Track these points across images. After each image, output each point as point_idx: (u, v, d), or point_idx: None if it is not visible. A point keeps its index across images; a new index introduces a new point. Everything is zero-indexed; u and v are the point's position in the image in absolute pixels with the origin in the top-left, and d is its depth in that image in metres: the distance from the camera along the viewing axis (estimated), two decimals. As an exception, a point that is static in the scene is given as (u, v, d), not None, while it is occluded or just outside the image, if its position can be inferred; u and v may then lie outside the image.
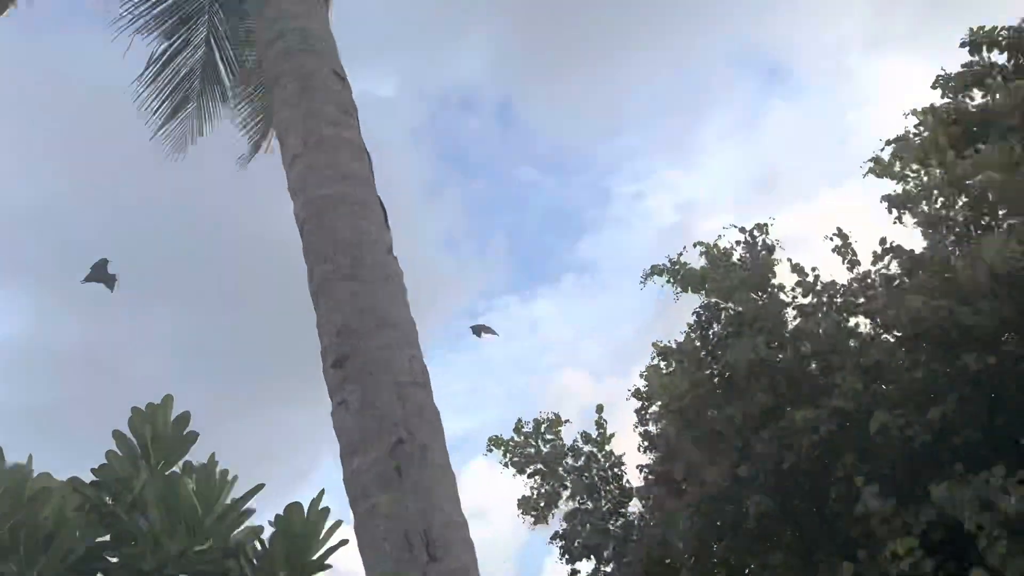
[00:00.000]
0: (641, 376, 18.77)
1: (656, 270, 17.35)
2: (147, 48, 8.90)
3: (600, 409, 19.18)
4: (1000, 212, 13.42)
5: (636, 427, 19.25)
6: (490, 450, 18.97)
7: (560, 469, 18.69)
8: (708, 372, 16.69)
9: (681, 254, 17.21)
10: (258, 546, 4.67)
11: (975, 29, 16.50)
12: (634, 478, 19.16)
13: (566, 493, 18.51)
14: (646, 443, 19.08)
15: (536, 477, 18.69)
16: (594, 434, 19.06)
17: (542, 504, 18.36)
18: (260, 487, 4.77)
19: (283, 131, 5.61)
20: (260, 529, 4.68)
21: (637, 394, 19.18)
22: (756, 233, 16.53)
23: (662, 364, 18.00)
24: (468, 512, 4.73)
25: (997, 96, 14.72)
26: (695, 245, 17.05)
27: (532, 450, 18.78)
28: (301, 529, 4.52)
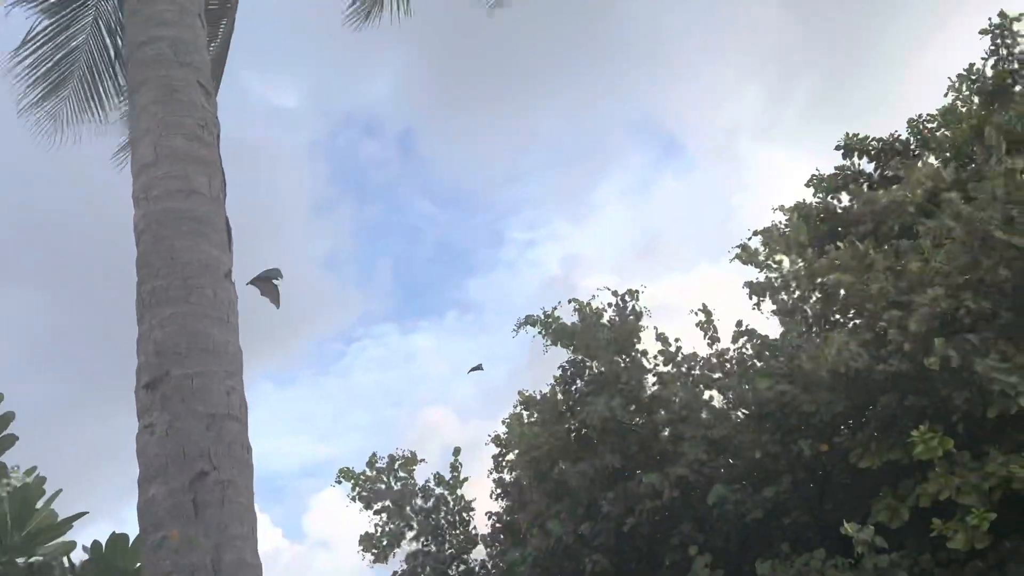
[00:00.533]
0: (503, 423, 18.84)
1: (530, 320, 17.51)
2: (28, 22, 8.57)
3: (457, 452, 19.12)
4: (848, 312, 14.27)
5: (491, 473, 19.29)
6: (339, 481, 18.56)
7: (408, 509, 18.44)
8: (566, 426, 16.94)
9: (555, 308, 17.46)
10: (66, 563, 4.41)
11: (849, 135, 17.77)
12: (482, 525, 19.17)
13: (411, 534, 18.28)
14: (499, 490, 19.12)
15: (383, 514, 18.38)
16: (448, 476, 18.94)
17: (384, 542, 18.05)
18: (82, 514, 4.52)
19: (137, 138, 5.42)
20: (72, 545, 4.43)
21: (497, 440, 19.22)
22: (627, 298, 16.97)
23: (524, 413, 18.12)
24: (314, 541, 4.60)
25: (856, 203, 15.78)
26: (569, 301, 17.34)
27: (383, 486, 18.47)
28: (120, 563, 4.29)
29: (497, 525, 18.77)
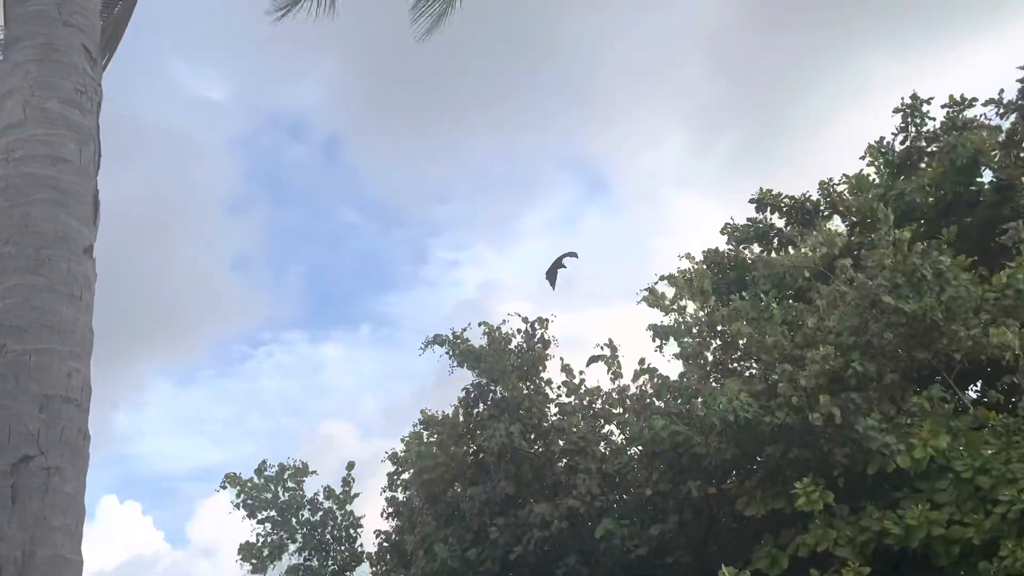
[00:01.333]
0: (402, 441, 18.49)
1: (438, 339, 17.29)
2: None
3: (351, 466, 18.72)
4: (745, 360, 14.53)
5: (384, 491, 18.88)
6: (224, 487, 17.91)
7: (294, 520, 17.91)
8: (465, 449, 16.73)
9: (465, 329, 17.31)
10: None
11: (763, 191, 18.30)
12: (369, 543, 18.73)
13: (294, 546, 17.73)
14: (391, 509, 18.72)
15: (266, 524, 17.79)
16: (339, 491, 18.47)
17: (265, 553, 17.45)
18: None
19: (6, 94, 5.07)
20: None
21: (393, 458, 18.85)
22: (537, 326, 16.94)
23: (424, 433, 17.83)
24: (197, 548, 4.26)
25: (765, 254, 16.20)
26: (480, 324, 17.21)
27: (269, 495, 17.89)
28: None
29: (385, 544, 18.37)
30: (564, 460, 16.05)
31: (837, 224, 16.74)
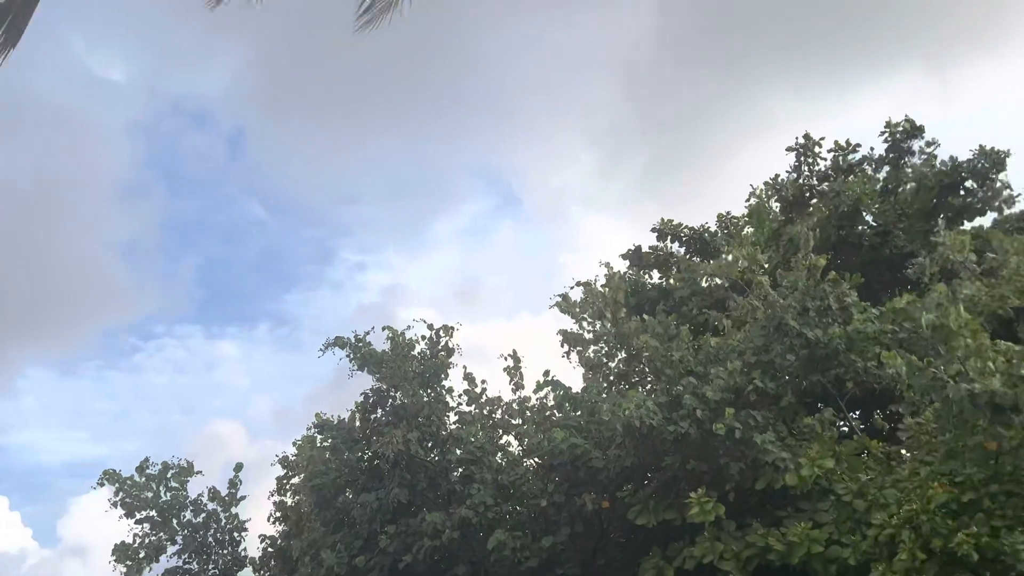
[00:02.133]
0: (294, 444, 18.03)
1: (339, 342, 16.98)
2: None
3: (238, 468, 18.10)
4: (648, 375, 14.85)
5: (272, 495, 18.35)
6: (101, 483, 17.01)
7: (175, 522, 17.15)
8: (359, 455, 16.43)
9: (368, 333, 17.06)
10: None
11: (664, 220, 19.02)
12: (254, 547, 18.14)
13: (173, 548, 17.00)
14: (278, 513, 18.20)
15: (145, 524, 16.98)
16: (224, 493, 17.82)
17: (141, 555, 16.64)
18: None
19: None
20: None
21: (284, 461, 18.37)
22: (441, 334, 16.85)
23: (318, 437, 17.43)
24: (67, 547, 3.91)
25: (670, 280, 16.68)
26: (383, 328, 17.00)
27: (150, 494, 17.09)
28: None
29: (269, 549, 17.83)
30: (460, 469, 15.97)
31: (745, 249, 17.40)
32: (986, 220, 18.19)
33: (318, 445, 17.14)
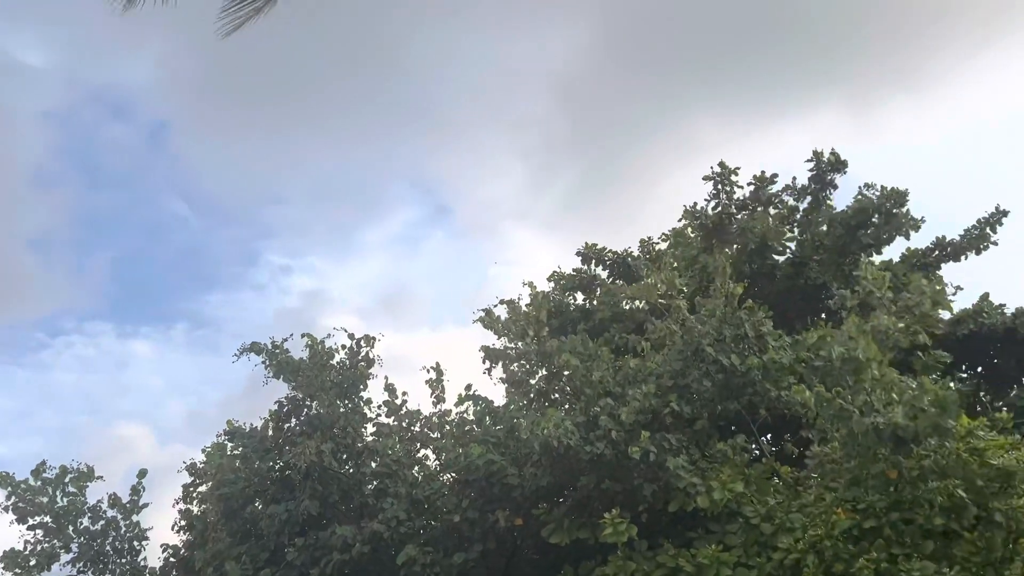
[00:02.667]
0: (203, 451, 17.45)
1: (255, 347, 16.57)
2: None
3: (142, 474, 17.39)
4: (568, 393, 14.92)
5: (177, 503, 17.69)
6: (-8, 486, 16.14)
7: (71, 529, 16.38)
8: (270, 465, 16.03)
9: (286, 340, 16.69)
10: None
11: (588, 245, 19.27)
12: (155, 557, 17.44)
13: (68, 556, 16.21)
14: (183, 523, 17.56)
15: (38, 531, 16.17)
16: (126, 499, 17.12)
17: (32, 563, 15.83)
18: None
19: None
20: None
21: (192, 468, 17.73)
22: (362, 343, 16.61)
23: (229, 444, 16.94)
24: None
25: (593, 302, 16.86)
26: (302, 336, 16.67)
27: (45, 499, 16.30)
28: None
29: (172, 560, 17.18)
30: (375, 483, 15.74)
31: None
32: (894, 252, 18.94)
33: (228, 453, 16.66)
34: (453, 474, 14.63)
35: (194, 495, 17.59)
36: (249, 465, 16.05)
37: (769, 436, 16.13)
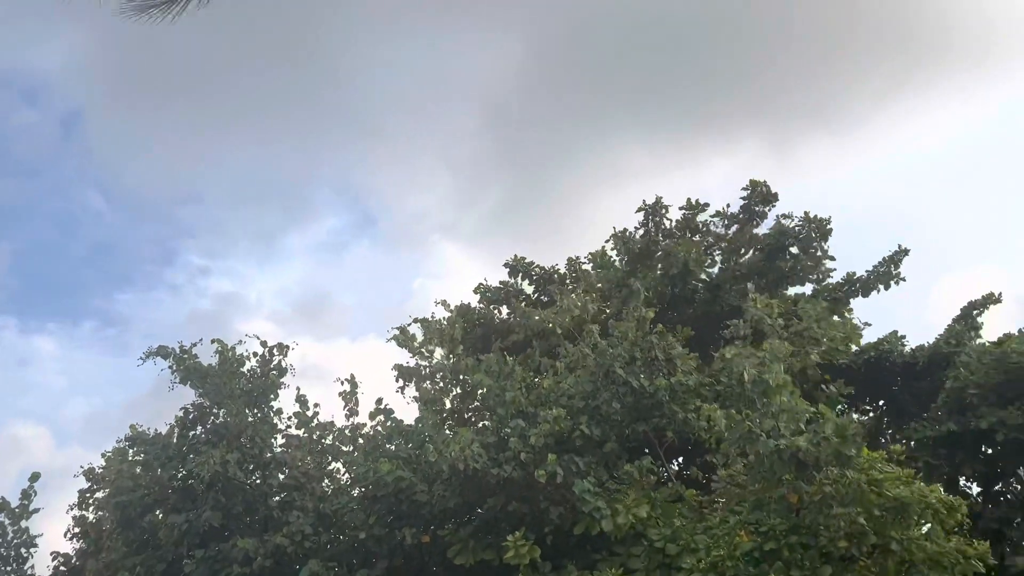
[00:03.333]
0: (103, 456, 16.75)
1: (162, 351, 16.04)
2: None
3: (34, 478, 16.57)
4: (482, 412, 14.86)
5: (72, 509, 16.93)
6: None
7: (-47, 534, 15.52)
8: (172, 474, 15.49)
9: (195, 345, 16.19)
10: None
11: (516, 257, 19.32)
12: (43, 565, 16.64)
13: (-53, 564, 15.35)
14: (77, 530, 16.82)
15: (-85, 536, 15.28)
16: (15, 504, 16.29)
17: (-93, 570, 14.94)
18: None
19: None
20: None
21: (89, 474, 17.01)
22: (275, 352, 16.24)
23: (130, 450, 16.31)
24: None
25: (514, 316, 16.86)
26: (212, 341, 16.20)
27: (-77, 502, 15.41)
28: None
29: (62, 568, 16.49)
30: (281, 495, 15.36)
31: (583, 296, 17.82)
32: (807, 287, 19.52)
33: (129, 459, 16.03)
34: (362, 489, 14.38)
35: (90, 501, 16.88)
36: (150, 472, 15.49)
37: (680, 460, 16.37)
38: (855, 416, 19.31)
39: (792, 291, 19.07)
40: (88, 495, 16.92)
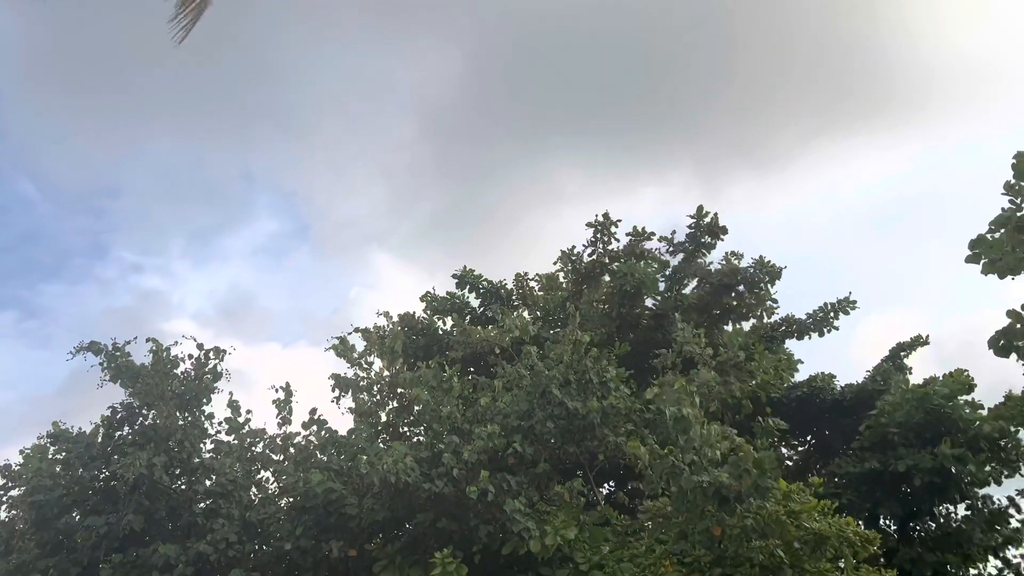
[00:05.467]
0: (21, 453, 16.19)
1: (93, 347, 15.63)
2: None
3: (-61, 474, 15.94)
4: (417, 425, 14.82)
5: (-19, 508, 16.30)
6: None
7: None
8: (95, 474, 15.07)
9: (129, 343, 15.82)
10: None
11: (465, 269, 19.23)
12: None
13: None
14: (-15, 530, 16.19)
15: None
16: (-79, 502, 15.63)
17: None
18: None
19: None
20: None
21: (5, 471, 16.41)
22: (212, 355, 15.96)
23: (51, 448, 15.81)
24: None
25: (455, 331, 16.86)
26: (147, 340, 15.86)
27: None
28: None
29: (-35, 571, 15.78)
30: (207, 501, 15.04)
31: (526, 316, 17.90)
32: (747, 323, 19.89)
33: (49, 457, 15.54)
34: (291, 499, 14.19)
35: (3, 500, 16.29)
36: (71, 472, 15.03)
37: (609, 482, 16.51)
38: (784, 451, 19.77)
39: (730, 327, 19.41)
40: (2, 493, 16.34)
